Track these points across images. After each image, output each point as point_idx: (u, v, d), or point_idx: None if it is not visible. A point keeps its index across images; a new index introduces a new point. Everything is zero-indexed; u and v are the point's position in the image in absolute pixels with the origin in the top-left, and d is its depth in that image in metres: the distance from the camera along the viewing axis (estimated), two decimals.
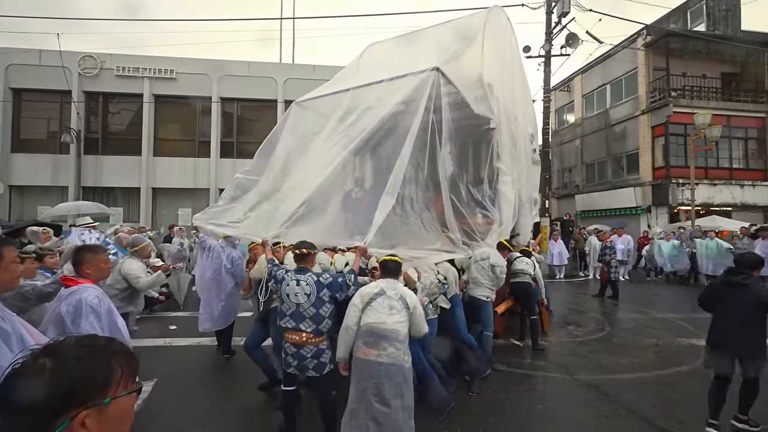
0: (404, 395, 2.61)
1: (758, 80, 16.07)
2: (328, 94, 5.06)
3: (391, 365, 2.60)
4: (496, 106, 4.90)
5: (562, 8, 11.68)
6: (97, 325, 1.96)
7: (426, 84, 3.93)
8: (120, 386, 0.76)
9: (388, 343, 2.62)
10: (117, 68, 14.27)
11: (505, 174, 5.01)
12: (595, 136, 18.91)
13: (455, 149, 5.10)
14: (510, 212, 4.94)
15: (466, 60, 4.74)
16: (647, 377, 4.26)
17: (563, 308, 7.76)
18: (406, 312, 2.72)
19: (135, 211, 14.77)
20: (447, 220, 4.19)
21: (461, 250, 4.11)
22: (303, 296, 2.86)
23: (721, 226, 12.22)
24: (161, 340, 5.51)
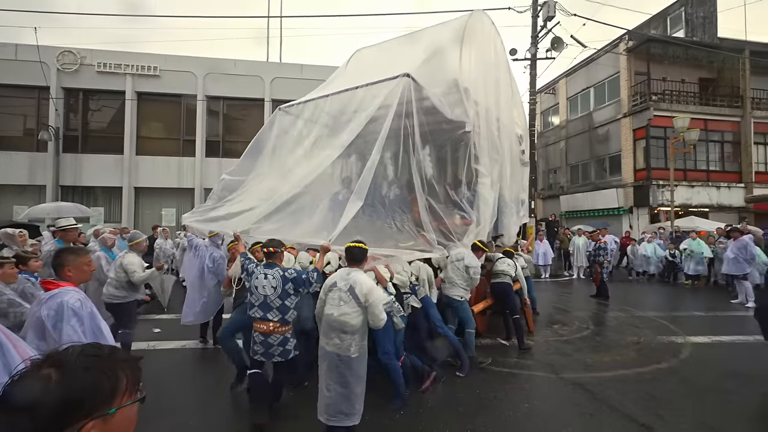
0: (347, 384, 2.71)
1: (733, 86, 16.65)
2: (310, 100, 5.20)
3: (335, 354, 2.73)
4: (474, 110, 5.01)
5: (548, 12, 11.90)
6: (79, 329, 1.90)
7: (397, 90, 4.12)
8: (125, 396, 0.77)
9: (335, 334, 2.75)
10: (98, 64, 13.89)
11: (484, 176, 5.13)
12: (579, 138, 19.30)
13: (433, 152, 5.28)
14: (488, 213, 5.05)
15: (442, 65, 4.95)
16: (629, 375, 4.37)
17: (549, 308, 7.89)
18: (356, 303, 2.74)
19: (116, 211, 14.41)
20: (422, 220, 4.36)
21: (437, 250, 4.31)
22: (270, 288, 3.11)
23: (698, 227, 12.62)
24: (145, 344, 5.38)
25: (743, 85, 16.29)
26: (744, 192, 16.03)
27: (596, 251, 8.84)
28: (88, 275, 2.26)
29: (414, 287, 4.20)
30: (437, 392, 3.89)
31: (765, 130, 16.41)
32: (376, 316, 2.74)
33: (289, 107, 5.35)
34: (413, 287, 4.20)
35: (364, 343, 2.83)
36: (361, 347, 2.80)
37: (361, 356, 2.80)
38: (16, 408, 0.67)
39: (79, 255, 2.19)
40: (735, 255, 8.31)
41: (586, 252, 12.13)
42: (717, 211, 15.51)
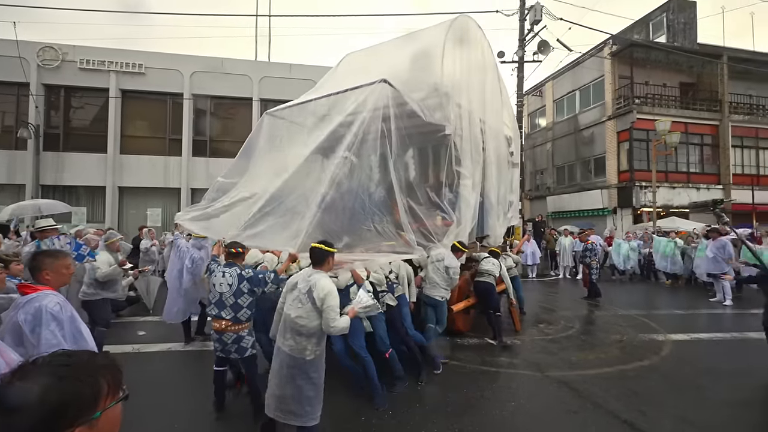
0: (298, 387, 2.64)
1: (712, 90, 17.16)
2: (297, 104, 5.29)
3: (288, 355, 2.67)
4: (456, 113, 5.12)
5: (535, 16, 12.08)
6: (59, 334, 1.86)
7: (372, 95, 4.26)
8: (108, 398, 0.78)
9: (291, 335, 2.69)
10: (80, 61, 13.58)
11: (466, 177, 5.23)
12: (565, 140, 19.64)
13: (415, 155, 5.40)
14: (469, 214, 5.14)
15: (425, 70, 5.09)
16: (612, 372, 4.47)
17: (535, 307, 8.00)
18: (312, 306, 2.65)
19: (100, 211, 14.10)
20: (402, 222, 4.48)
21: (416, 250, 4.41)
22: (226, 286, 3.23)
23: (679, 227, 12.98)
24: (129, 347, 5.28)
25: (721, 90, 16.81)
26: (722, 193, 16.53)
27: (584, 252, 8.89)
28: (67, 278, 2.20)
29: (392, 285, 4.29)
30: (427, 394, 3.92)
31: (742, 134, 16.97)
32: (327, 321, 2.63)
33: (276, 111, 5.41)
34: (391, 285, 4.28)
35: (321, 347, 2.75)
36: (318, 350, 2.71)
37: (317, 359, 2.70)
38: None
39: (57, 258, 2.13)
40: (714, 254, 8.57)
41: (572, 252, 12.38)
42: (697, 212, 15.96)
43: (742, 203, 15.82)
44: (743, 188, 16.12)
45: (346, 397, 3.78)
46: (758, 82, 17.65)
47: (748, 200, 15.47)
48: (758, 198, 15.54)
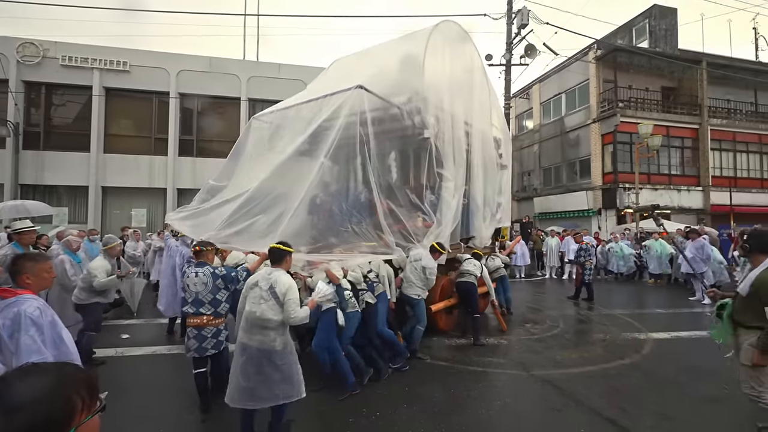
0: (267, 374, 2.84)
1: (692, 95, 17.66)
2: (282, 108, 5.46)
3: (258, 349, 2.84)
4: (436, 116, 5.26)
5: (522, 20, 12.26)
6: (38, 339, 1.81)
7: (348, 101, 4.45)
8: (83, 413, 0.74)
9: (257, 330, 2.86)
10: (62, 57, 13.25)
11: (448, 179, 5.37)
12: (552, 142, 19.96)
13: (398, 158, 5.54)
14: (450, 216, 5.27)
15: (405, 75, 5.27)
16: (595, 370, 4.57)
17: (522, 307, 8.12)
18: (275, 301, 2.86)
19: (82, 211, 13.76)
20: (381, 223, 4.67)
21: (395, 251, 4.65)
22: (201, 285, 3.39)
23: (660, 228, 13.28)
24: (112, 351, 5.18)
25: (701, 95, 17.31)
26: (702, 195, 17.02)
27: (579, 253, 8.82)
28: (49, 282, 2.15)
29: (372, 284, 4.43)
30: (414, 394, 3.95)
31: (720, 137, 17.50)
32: (288, 313, 2.85)
33: (263, 115, 5.55)
34: (371, 284, 4.42)
35: (286, 336, 2.94)
36: (285, 341, 2.92)
37: (284, 349, 2.90)
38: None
39: (38, 261, 2.08)
40: (693, 255, 8.81)
41: (558, 252, 12.60)
42: (678, 213, 16.40)
43: (721, 204, 16.31)
44: (722, 190, 16.62)
45: (334, 399, 3.79)
46: (735, 88, 18.22)
47: (727, 202, 15.96)
48: (736, 200, 16.04)
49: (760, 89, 18.69)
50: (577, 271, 8.93)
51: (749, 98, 18.68)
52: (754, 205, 17.07)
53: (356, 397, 3.82)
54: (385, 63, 5.53)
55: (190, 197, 16.01)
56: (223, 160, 15.40)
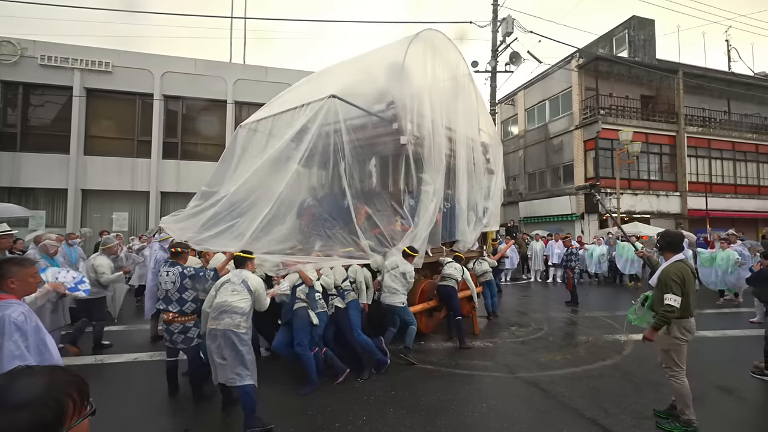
0: (237, 351, 3.33)
1: (670, 103, 18.29)
2: (263, 117, 5.65)
3: (225, 330, 3.32)
4: (415, 123, 5.46)
5: (506, 28, 12.53)
6: (22, 345, 1.78)
7: (322, 110, 4.71)
8: (74, 416, 0.75)
9: (227, 315, 3.36)
10: (42, 57, 12.90)
11: (427, 184, 5.52)
12: (536, 147, 20.35)
13: (377, 164, 5.71)
14: (427, 220, 5.41)
15: (384, 83, 5.50)
16: (578, 372, 4.68)
17: (507, 310, 8.24)
18: (248, 293, 3.46)
19: (60, 214, 13.37)
20: (356, 229, 4.91)
21: (371, 256, 4.89)
22: (170, 284, 3.71)
23: (641, 232, 13.68)
24: (91, 358, 5.06)
25: (678, 103, 17.94)
26: (680, 200, 17.59)
27: (568, 257, 8.88)
28: (34, 287, 2.11)
29: (342, 291, 4.69)
30: (400, 398, 3.97)
31: (696, 144, 18.14)
32: (261, 302, 3.55)
33: (249, 122, 5.70)
34: (342, 291, 4.69)
35: (249, 324, 3.46)
36: (248, 326, 3.44)
37: (246, 334, 3.41)
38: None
39: (24, 266, 2.05)
40: None
41: (543, 256, 12.83)
42: (657, 218, 16.91)
43: (697, 209, 16.88)
44: (698, 195, 17.20)
45: (320, 403, 3.78)
46: (710, 97, 18.96)
47: (703, 207, 16.53)
48: (711, 204, 16.61)
49: (733, 99, 19.50)
50: (568, 276, 8.98)
51: (723, 107, 19.45)
52: (728, 210, 17.73)
53: (342, 402, 3.82)
54: (365, 72, 5.74)
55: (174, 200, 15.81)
56: (208, 163, 15.27)
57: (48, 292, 2.89)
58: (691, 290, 3.30)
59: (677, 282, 3.21)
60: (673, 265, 3.32)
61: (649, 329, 3.33)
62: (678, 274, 3.24)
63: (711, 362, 4.99)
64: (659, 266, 3.57)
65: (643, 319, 3.63)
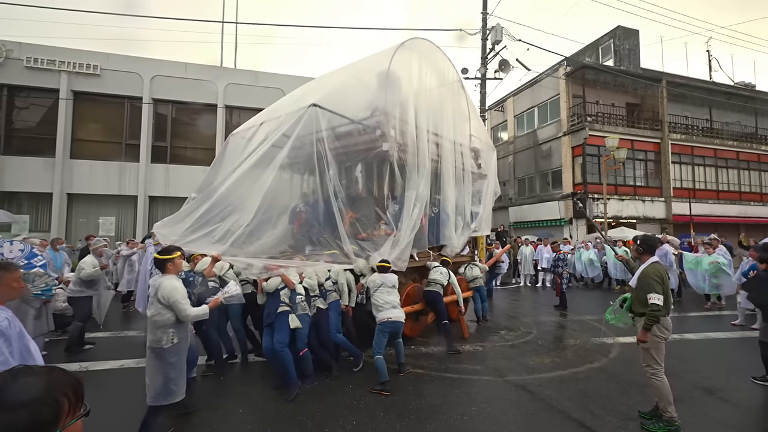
0: (161, 371, 3.15)
1: (654, 111, 18.74)
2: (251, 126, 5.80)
3: (150, 348, 3.18)
4: (399, 130, 5.62)
5: (495, 36, 12.75)
6: (6, 350, 1.76)
7: (302, 119, 4.90)
8: (69, 416, 0.76)
9: (150, 331, 3.20)
10: (27, 59, 12.72)
11: (410, 189, 5.65)
12: (526, 153, 20.64)
13: (362, 170, 5.90)
14: (410, 225, 5.52)
15: (369, 92, 5.71)
16: (566, 375, 4.74)
17: (497, 314, 8.31)
18: (159, 304, 3.17)
19: (45, 219, 13.11)
20: (341, 234, 5.05)
21: (355, 261, 5.02)
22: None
23: (627, 236, 13.93)
24: (75, 365, 4.96)
25: (662, 111, 18.40)
26: (665, 205, 17.97)
27: (556, 262, 8.89)
28: (17, 293, 2.08)
29: (325, 292, 4.82)
30: (390, 402, 3.97)
31: (680, 151, 18.59)
32: (180, 312, 3.17)
33: (239, 131, 5.83)
34: (324, 292, 4.81)
35: (178, 337, 3.22)
36: (174, 339, 3.19)
37: (174, 347, 3.18)
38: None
39: (8, 271, 2.02)
40: None
41: (532, 260, 12.97)
42: (643, 223, 17.23)
43: (682, 214, 17.27)
44: (682, 201, 17.60)
45: (309, 411, 3.77)
46: (692, 105, 19.49)
47: (687, 212, 16.91)
48: (695, 210, 17.01)
49: (714, 107, 20.07)
50: (556, 281, 9.04)
51: (705, 115, 20.00)
52: (711, 215, 18.16)
53: (332, 407, 3.81)
54: (353, 80, 5.95)
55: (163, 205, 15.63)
56: (198, 167, 15.15)
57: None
58: (667, 290, 3.46)
59: (658, 281, 3.39)
60: (651, 267, 3.52)
61: (641, 331, 3.45)
62: (657, 274, 3.43)
63: (694, 364, 5.10)
64: (637, 269, 3.71)
65: (620, 319, 3.81)
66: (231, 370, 4.91)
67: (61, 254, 7.53)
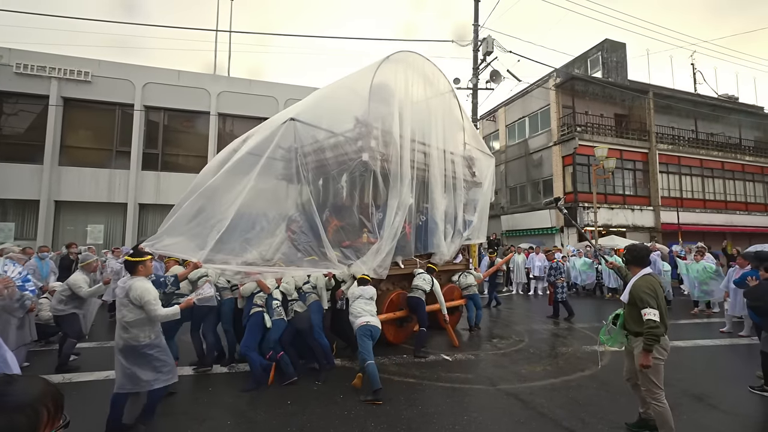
0: (133, 363, 3.32)
1: (641, 122, 19.15)
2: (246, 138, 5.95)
3: (125, 346, 3.32)
4: (383, 141, 5.85)
5: (486, 48, 12.98)
6: None
7: (279, 133, 5.18)
8: (47, 426, 0.76)
9: (123, 331, 3.32)
10: (17, 65, 12.61)
11: (392, 197, 5.79)
12: (517, 162, 20.88)
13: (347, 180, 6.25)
14: (391, 233, 5.65)
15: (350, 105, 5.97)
16: (557, 383, 4.74)
17: (489, 322, 8.30)
18: (133, 306, 3.30)
19: (31, 226, 12.87)
20: (324, 241, 5.28)
21: (338, 267, 5.26)
22: None
23: (617, 245, 14.10)
24: (59, 376, 4.82)
25: (649, 122, 18.80)
26: (653, 214, 18.25)
27: (550, 271, 8.69)
28: None
29: (304, 295, 5.02)
30: (382, 412, 3.93)
31: (667, 161, 18.97)
32: (150, 312, 3.30)
33: (234, 143, 5.98)
34: (303, 295, 5.01)
35: (154, 332, 3.40)
36: (152, 334, 3.37)
37: (153, 341, 3.37)
38: None
39: None
40: None
41: (524, 268, 13.02)
42: (632, 231, 17.47)
43: (670, 223, 17.54)
44: (670, 210, 17.90)
45: (299, 422, 3.70)
46: (678, 116, 19.97)
47: (675, 220, 17.19)
48: (682, 219, 17.30)
49: (699, 118, 20.58)
50: (550, 290, 8.93)
51: (690, 126, 20.49)
52: (698, 224, 18.49)
53: (322, 417, 3.76)
54: (340, 94, 6.30)
55: (153, 212, 15.45)
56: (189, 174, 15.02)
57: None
58: (662, 303, 3.19)
59: (651, 295, 3.13)
60: (642, 279, 3.26)
61: (642, 354, 3.11)
62: (650, 287, 3.17)
63: (684, 371, 5.14)
64: (629, 276, 3.51)
65: (615, 339, 3.49)
66: (219, 380, 4.82)
67: (47, 263, 7.39)
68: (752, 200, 20.79)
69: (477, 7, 13.48)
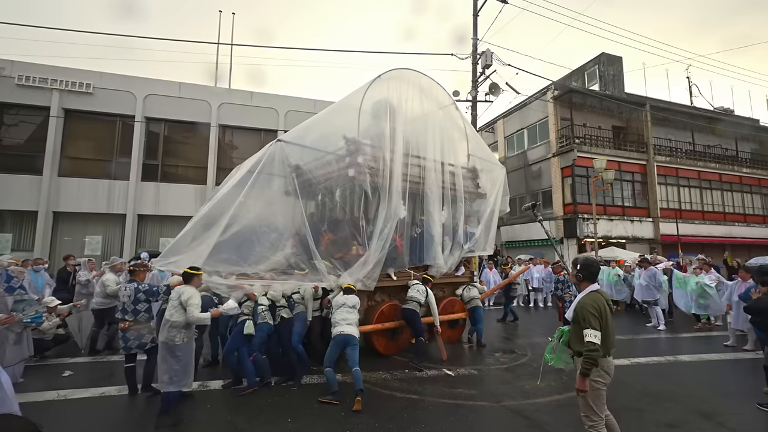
0: (171, 363, 3.91)
1: (639, 134, 19.31)
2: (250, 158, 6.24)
3: (164, 343, 3.94)
4: (373, 156, 6.13)
5: (485, 61, 13.14)
6: None
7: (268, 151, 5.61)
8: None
9: (166, 329, 3.95)
10: (19, 77, 12.67)
11: (382, 211, 5.97)
12: (516, 174, 20.95)
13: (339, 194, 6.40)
14: (378, 245, 5.83)
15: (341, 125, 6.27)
16: (562, 399, 4.65)
17: (492, 336, 8.19)
18: (180, 307, 3.97)
19: (29, 237, 12.76)
20: (313, 253, 5.59)
21: (327, 279, 5.50)
22: (127, 297, 4.45)
23: (618, 256, 14.07)
24: (53, 393, 4.70)
25: (646, 134, 18.95)
26: (653, 225, 18.26)
27: (557, 285, 8.39)
28: None
29: (292, 304, 5.28)
30: (386, 428, 3.84)
31: (665, 173, 19.07)
32: (189, 312, 3.94)
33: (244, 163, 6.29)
34: (291, 303, 5.28)
35: (188, 336, 4.04)
36: (185, 338, 3.99)
37: (184, 345, 3.98)
38: None
39: None
40: (647, 283, 9.33)
41: (524, 280, 12.94)
42: (632, 242, 17.44)
43: (670, 234, 17.54)
44: (669, 221, 17.92)
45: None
46: (675, 129, 20.15)
47: (675, 232, 17.20)
48: (682, 230, 17.31)
49: (696, 131, 20.77)
50: (559, 306, 8.64)
51: (687, 138, 20.66)
52: (698, 235, 18.49)
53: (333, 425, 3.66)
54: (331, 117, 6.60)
55: (152, 224, 15.34)
56: (189, 186, 15.00)
57: None
58: (610, 324, 2.94)
59: (595, 315, 2.82)
60: (588, 296, 2.96)
61: (579, 378, 2.83)
62: (594, 305, 2.86)
63: (690, 387, 5.06)
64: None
65: (559, 359, 3.27)
66: (217, 397, 4.71)
67: (42, 275, 7.29)
68: (750, 212, 20.85)
69: (476, 21, 13.69)
